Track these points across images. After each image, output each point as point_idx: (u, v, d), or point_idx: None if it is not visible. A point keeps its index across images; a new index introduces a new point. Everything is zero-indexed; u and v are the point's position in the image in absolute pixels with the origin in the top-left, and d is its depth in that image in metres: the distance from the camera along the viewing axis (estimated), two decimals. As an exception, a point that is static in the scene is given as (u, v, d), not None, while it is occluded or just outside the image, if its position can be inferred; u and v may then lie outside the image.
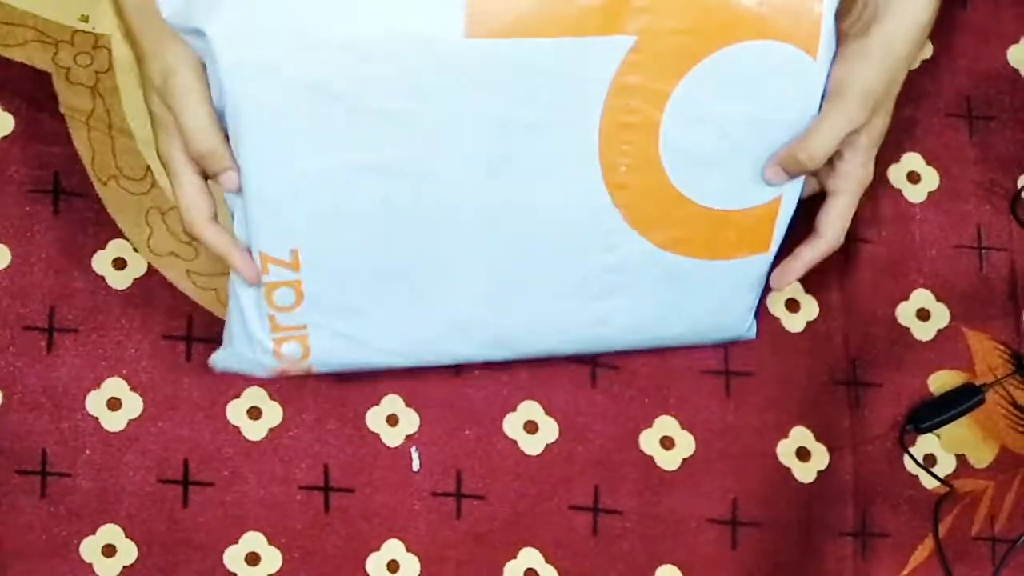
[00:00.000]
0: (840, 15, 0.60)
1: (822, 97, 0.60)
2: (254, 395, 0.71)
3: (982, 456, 0.73)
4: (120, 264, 0.72)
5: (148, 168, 0.73)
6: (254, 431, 0.70)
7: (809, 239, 0.66)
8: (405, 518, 0.70)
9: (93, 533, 0.69)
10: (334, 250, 0.62)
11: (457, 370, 0.72)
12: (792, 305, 0.74)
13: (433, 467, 0.71)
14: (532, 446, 0.71)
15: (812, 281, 0.73)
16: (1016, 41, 0.78)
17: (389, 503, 0.70)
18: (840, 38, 0.60)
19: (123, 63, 0.74)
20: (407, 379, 0.71)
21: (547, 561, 0.70)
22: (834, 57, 0.60)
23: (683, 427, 0.72)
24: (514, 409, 0.71)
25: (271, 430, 0.70)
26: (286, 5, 0.55)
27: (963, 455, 0.73)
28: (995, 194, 0.76)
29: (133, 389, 0.70)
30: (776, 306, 0.73)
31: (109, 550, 0.69)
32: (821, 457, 0.72)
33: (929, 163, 0.76)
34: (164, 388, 0.70)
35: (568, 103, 0.59)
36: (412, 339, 0.67)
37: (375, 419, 0.71)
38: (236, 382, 0.70)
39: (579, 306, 0.66)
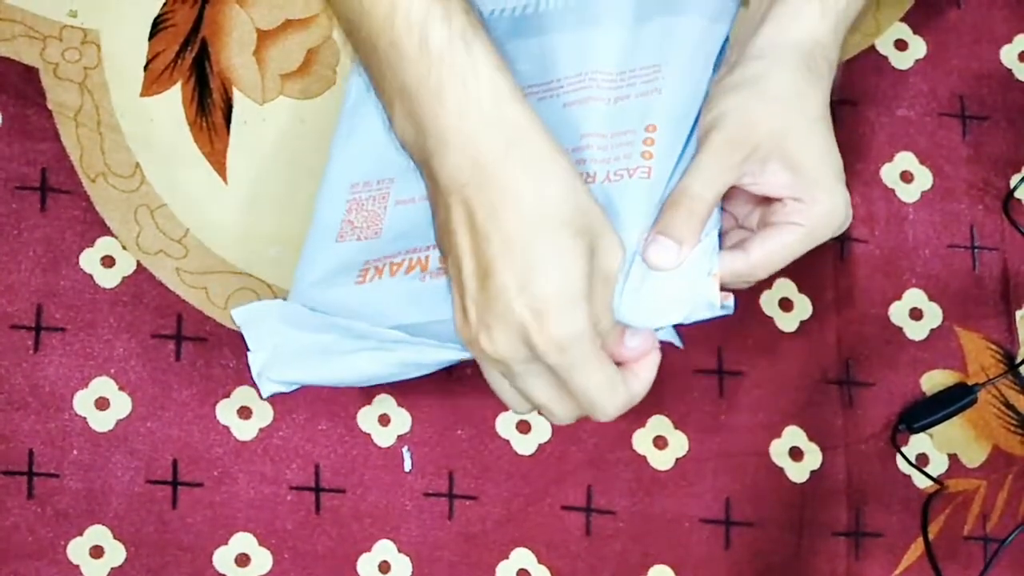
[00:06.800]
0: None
1: None
2: (244, 395, 0.70)
3: (974, 456, 0.73)
4: (108, 262, 0.71)
5: (137, 165, 0.72)
6: (244, 431, 0.70)
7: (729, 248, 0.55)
8: (397, 518, 0.69)
9: (81, 534, 0.68)
10: None
11: (449, 370, 0.71)
12: (785, 304, 0.73)
13: (425, 467, 0.70)
14: (525, 446, 0.71)
15: (805, 280, 0.73)
16: (1009, 41, 0.78)
17: (381, 503, 0.70)
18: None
19: (112, 58, 0.73)
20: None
21: (539, 561, 0.70)
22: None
23: (676, 427, 0.72)
24: (506, 408, 0.71)
25: (261, 430, 0.70)
26: None
27: (955, 455, 0.73)
28: (988, 194, 0.76)
29: (121, 388, 0.70)
30: (769, 305, 0.73)
31: (97, 551, 0.68)
32: (814, 457, 0.72)
33: (922, 162, 0.76)
34: (153, 388, 0.70)
35: None
36: None
37: (366, 419, 0.70)
38: (226, 382, 0.70)
39: None
